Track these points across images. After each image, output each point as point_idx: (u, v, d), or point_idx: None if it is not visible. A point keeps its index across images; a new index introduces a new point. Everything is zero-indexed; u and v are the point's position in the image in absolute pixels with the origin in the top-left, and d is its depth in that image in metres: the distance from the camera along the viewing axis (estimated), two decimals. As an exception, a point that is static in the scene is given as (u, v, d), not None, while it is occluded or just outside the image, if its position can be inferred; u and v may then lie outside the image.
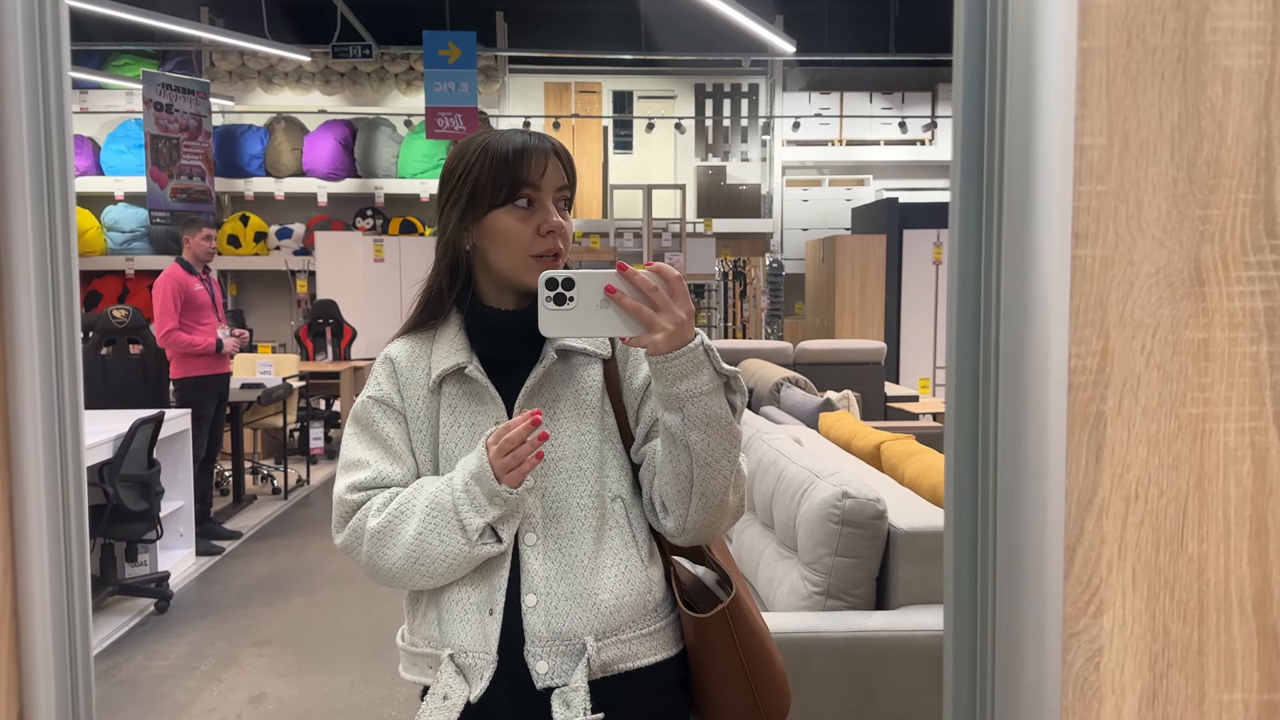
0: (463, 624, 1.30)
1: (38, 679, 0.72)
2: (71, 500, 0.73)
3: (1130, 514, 0.66)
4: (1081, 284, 0.65)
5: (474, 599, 1.30)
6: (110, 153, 8.93)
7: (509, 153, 1.30)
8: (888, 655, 2.18)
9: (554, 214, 1.31)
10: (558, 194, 1.33)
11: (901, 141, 9.54)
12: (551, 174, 1.31)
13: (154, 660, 3.90)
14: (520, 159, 1.29)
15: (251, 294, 9.55)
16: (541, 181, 1.30)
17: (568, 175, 1.34)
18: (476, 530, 1.26)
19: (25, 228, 0.70)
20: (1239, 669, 0.68)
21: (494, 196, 1.30)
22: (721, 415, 1.21)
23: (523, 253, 1.30)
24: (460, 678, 1.28)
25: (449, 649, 1.30)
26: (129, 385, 5.39)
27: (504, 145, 1.30)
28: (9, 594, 0.72)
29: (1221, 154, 0.66)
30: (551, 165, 1.31)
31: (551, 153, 1.32)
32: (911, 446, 3.23)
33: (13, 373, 0.70)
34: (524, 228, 1.30)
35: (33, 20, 0.70)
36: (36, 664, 0.72)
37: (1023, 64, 0.63)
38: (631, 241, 8.92)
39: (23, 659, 0.72)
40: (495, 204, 1.30)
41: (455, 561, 1.28)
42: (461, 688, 1.27)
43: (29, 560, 0.71)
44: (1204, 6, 0.65)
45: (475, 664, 1.28)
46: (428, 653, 1.32)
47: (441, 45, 7.65)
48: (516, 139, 1.31)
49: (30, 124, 0.70)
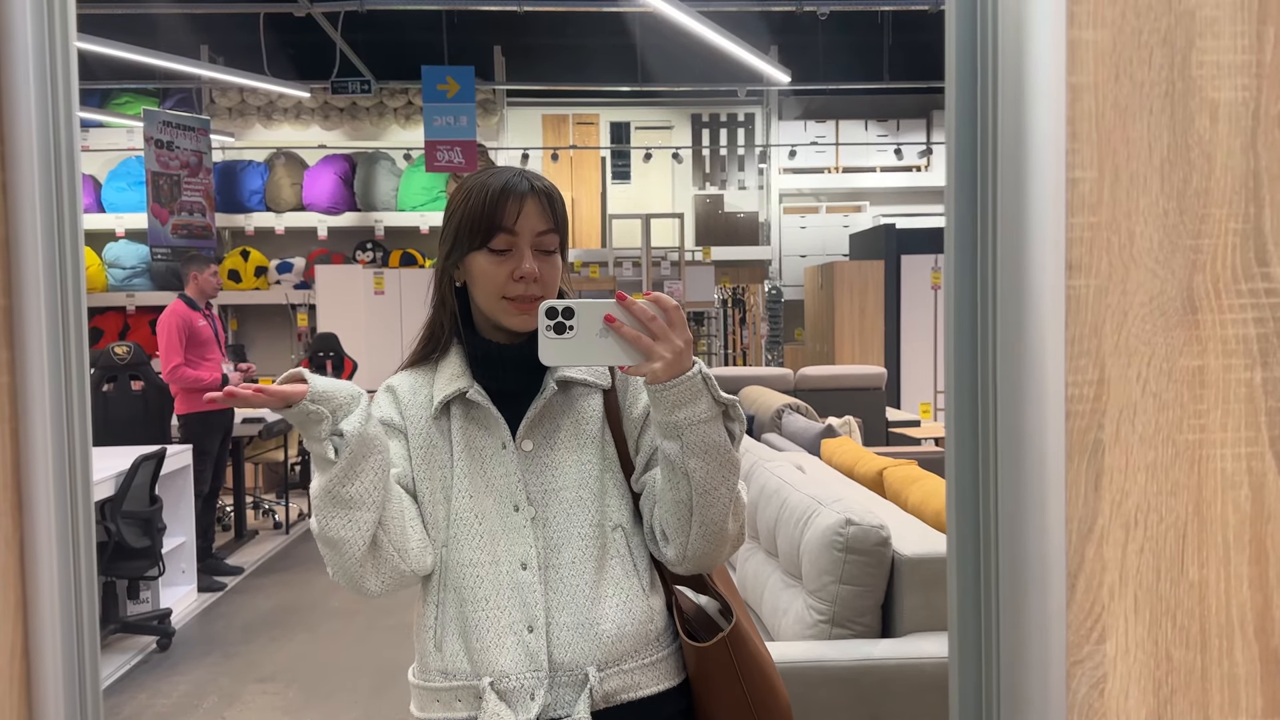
0: (499, 648, 1.29)
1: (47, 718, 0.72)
2: (81, 540, 0.74)
3: (1130, 541, 0.67)
4: (1076, 313, 0.66)
5: (505, 621, 1.29)
6: (111, 190, 8.98)
7: (487, 196, 1.31)
8: (894, 684, 2.17)
9: (528, 260, 1.30)
10: (538, 239, 1.32)
11: (897, 168, 9.59)
12: (529, 218, 1.31)
13: (156, 699, 3.88)
14: (497, 204, 1.30)
15: (252, 328, 9.56)
16: (517, 226, 1.30)
17: (554, 217, 1.33)
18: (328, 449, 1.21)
19: (36, 268, 0.71)
20: (1243, 694, 0.68)
21: (472, 239, 1.32)
22: (720, 443, 1.22)
23: (496, 295, 1.32)
24: (504, 704, 1.27)
25: (488, 677, 1.28)
26: (130, 422, 5.39)
27: (485, 188, 1.31)
28: (20, 633, 0.72)
29: (1210, 185, 0.67)
30: (529, 209, 1.31)
31: (530, 195, 1.31)
32: (914, 472, 3.23)
33: (25, 415, 0.71)
34: (498, 271, 1.31)
35: (44, 63, 0.72)
36: (47, 704, 0.72)
37: (1013, 100, 0.65)
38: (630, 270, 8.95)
39: (33, 698, 0.72)
40: (474, 246, 1.32)
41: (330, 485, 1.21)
42: (509, 714, 1.26)
43: (39, 600, 0.71)
44: (1190, 41, 0.67)
45: (523, 685, 1.27)
46: (457, 685, 1.31)
47: (440, 80, 7.72)
48: (499, 180, 1.32)
49: (41, 164, 0.71)
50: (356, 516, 1.24)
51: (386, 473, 1.28)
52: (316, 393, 1.19)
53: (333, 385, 1.22)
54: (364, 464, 1.23)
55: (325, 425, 1.20)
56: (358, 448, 1.22)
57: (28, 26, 0.70)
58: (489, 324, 1.37)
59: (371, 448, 1.24)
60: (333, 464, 1.21)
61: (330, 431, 1.21)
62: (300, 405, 1.18)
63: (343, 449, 1.21)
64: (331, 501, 1.23)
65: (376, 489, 1.25)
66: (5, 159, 0.70)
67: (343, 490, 1.22)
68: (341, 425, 1.21)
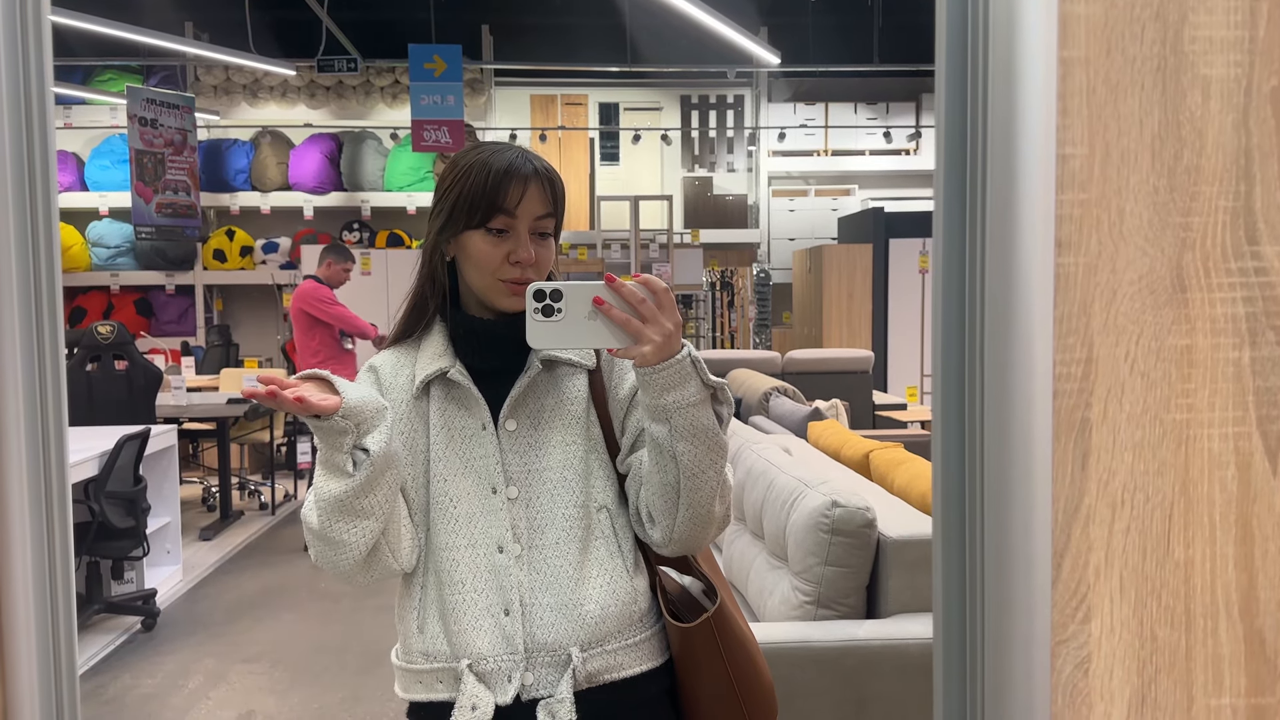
0: (476, 631, 1.29)
1: (22, 698, 0.71)
2: (55, 517, 0.73)
3: (1117, 520, 0.67)
4: (1065, 291, 0.66)
5: (482, 604, 1.29)
6: (95, 168, 8.89)
7: (490, 176, 1.29)
8: (878, 664, 2.18)
9: (526, 244, 1.30)
10: (536, 222, 1.31)
11: (886, 151, 9.59)
12: (530, 201, 1.30)
13: (141, 679, 3.87)
14: (499, 185, 1.29)
15: (238, 308, 9.51)
16: (518, 209, 1.29)
17: (553, 202, 1.32)
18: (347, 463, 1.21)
19: (8, 243, 0.69)
20: (1227, 674, 0.68)
21: (469, 217, 1.30)
22: (708, 426, 1.22)
23: (491, 275, 1.31)
24: (483, 685, 1.27)
25: (466, 659, 1.29)
26: (114, 402, 5.36)
27: (487, 167, 1.30)
28: (-8, 613, 0.71)
29: (1202, 162, 0.66)
30: (531, 192, 1.30)
31: (533, 178, 1.30)
32: (900, 455, 3.24)
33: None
34: (495, 252, 1.30)
35: (14, 34, 0.70)
36: (21, 683, 0.71)
37: (1004, 75, 0.64)
38: (619, 253, 8.93)
39: (7, 678, 0.71)
40: (470, 225, 1.31)
41: (345, 497, 1.22)
42: (487, 695, 1.27)
43: (13, 578, 0.70)
44: (1182, 16, 0.66)
45: (499, 668, 1.28)
46: (438, 667, 1.31)
47: (427, 59, 7.66)
48: (502, 160, 1.30)
49: (13, 140, 0.69)
50: (364, 525, 1.25)
51: (399, 485, 1.29)
52: (348, 408, 1.19)
53: (361, 399, 1.22)
54: (381, 479, 1.24)
55: (349, 439, 1.21)
56: (379, 465, 1.23)
57: (-3, -8, 0.68)
58: (476, 301, 1.36)
59: (390, 463, 1.25)
60: (350, 476, 1.21)
61: (353, 445, 1.21)
62: (331, 420, 1.19)
63: (363, 465, 1.22)
64: (341, 510, 1.23)
65: (388, 501, 1.26)
66: (-25, 128, 0.68)
67: (357, 503, 1.23)
68: (366, 443, 1.22)
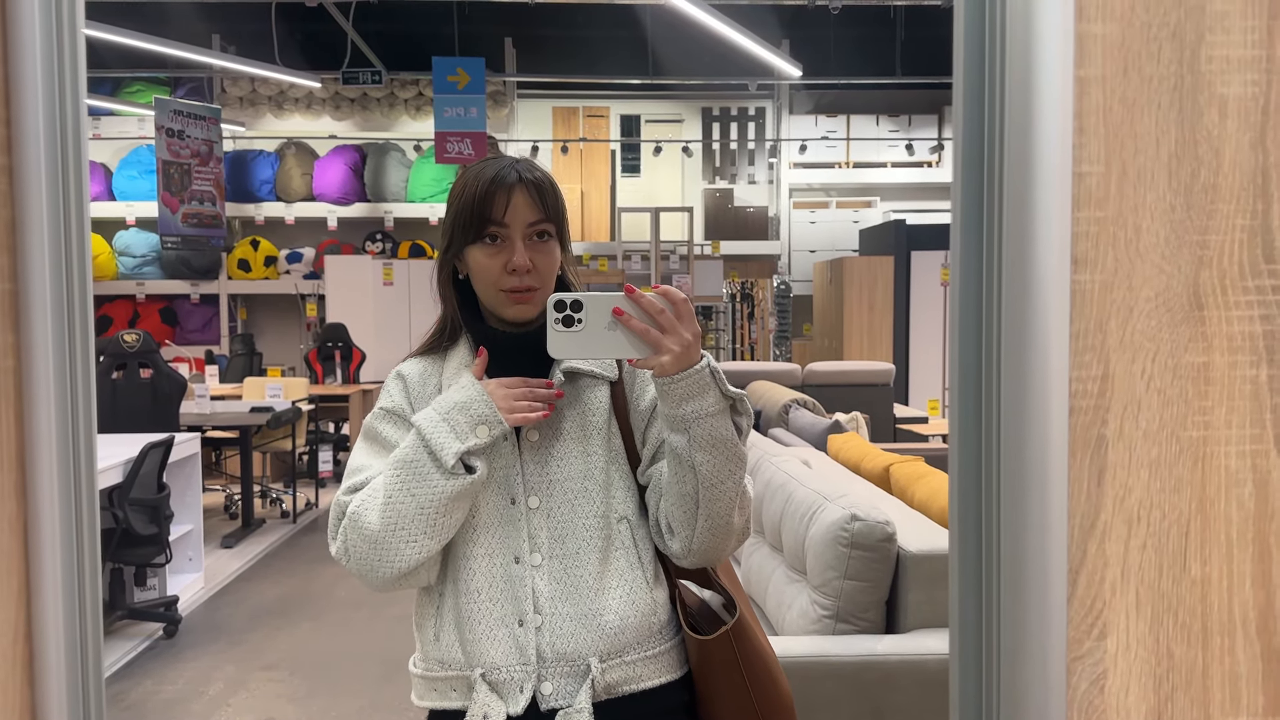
0: (490, 640, 1.29)
1: (50, 702, 0.72)
2: (85, 525, 0.74)
3: (1133, 537, 0.67)
4: (1081, 308, 0.66)
5: (497, 614, 1.30)
6: (122, 178, 9.02)
7: (478, 189, 1.31)
8: (897, 679, 2.17)
9: (519, 251, 1.30)
10: (530, 228, 1.31)
11: (908, 163, 9.57)
12: (519, 209, 1.31)
13: (162, 685, 3.90)
14: (486, 197, 1.30)
15: (261, 318, 9.60)
16: (506, 218, 1.30)
17: (544, 207, 1.32)
18: (454, 455, 1.23)
19: (42, 254, 0.71)
20: (1244, 692, 0.68)
21: (466, 233, 1.32)
22: (727, 437, 1.22)
23: (493, 287, 1.32)
24: (495, 695, 1.28)
25: (479, 668, 1.29)
26: (139, 409, 5.41)
27: (477, 180, 1.32)
28: (23, 617, 0.72)
29: (1219, 180, 0.67)
30: (518, 200, 1.30)
31: (518, 186, 1.31)
32: (921, 468, 3.23)
33: (29, 398, 0.71)
34: (492, 264, 1.31)
35: (51, 49, 0.72)
36: (49, 687, 0.72)
37: (1021, 93, 0.64)
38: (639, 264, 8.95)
39: (35, 682, 0.73)
40: (468, 240, 1.33)
41: (432, 506, 1.23)
42: (499, 704, 1.27)
43: (43, 584, 0.72)
44: (1199, 36, 0.66)
45: (512, 678, 1.28)
46: (452, 675, 1.32)
47: (450, 71, 7.72)
48: (488, 173, 1.32)
49: (48, 148, 0.71)
50: (423, 544, 1.26)
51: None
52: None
53: None
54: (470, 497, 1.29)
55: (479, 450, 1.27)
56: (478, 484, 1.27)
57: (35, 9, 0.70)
58: (493, 315, 1.37)
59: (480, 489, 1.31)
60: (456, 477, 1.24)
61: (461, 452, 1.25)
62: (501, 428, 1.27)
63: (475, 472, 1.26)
64: (421, 522, 1.24)
65: (458, 526, 1.30)
66: (12, 143, 0.70)
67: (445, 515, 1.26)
68: (474, 462, 1.27)
